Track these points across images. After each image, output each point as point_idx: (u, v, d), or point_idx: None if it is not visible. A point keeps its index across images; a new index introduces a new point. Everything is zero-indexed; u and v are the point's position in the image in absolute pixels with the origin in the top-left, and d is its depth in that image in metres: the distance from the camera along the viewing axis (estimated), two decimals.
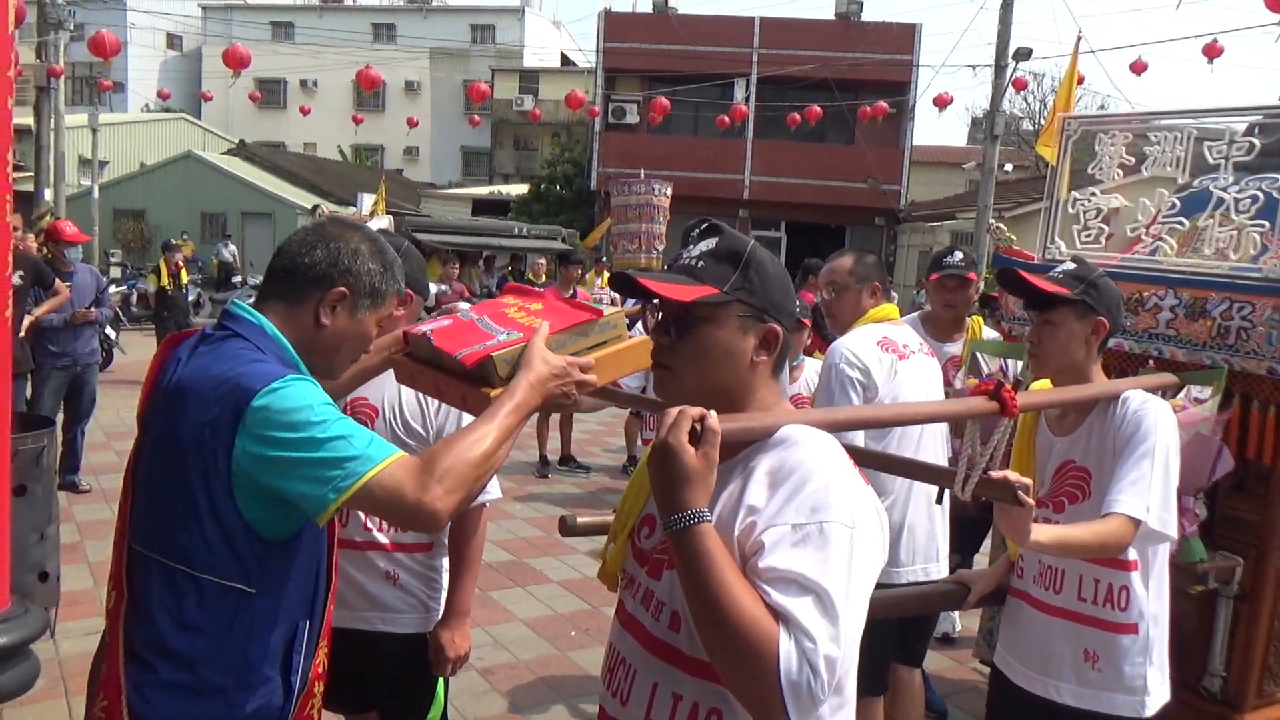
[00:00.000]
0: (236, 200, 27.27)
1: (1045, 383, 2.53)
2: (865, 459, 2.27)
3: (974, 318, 4.19)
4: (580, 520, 2.24)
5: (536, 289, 2.00)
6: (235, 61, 14.08)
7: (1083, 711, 2.35)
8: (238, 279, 20.06)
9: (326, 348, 1.75)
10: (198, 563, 1.59)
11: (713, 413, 1.33)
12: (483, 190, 31.36)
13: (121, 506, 1.73)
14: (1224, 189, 3.17)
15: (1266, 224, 2.98)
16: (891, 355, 3.11)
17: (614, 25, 26.35)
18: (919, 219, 26.32)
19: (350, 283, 1.72)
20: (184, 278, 11.55)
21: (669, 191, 9.62)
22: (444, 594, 2.50)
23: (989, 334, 4.17)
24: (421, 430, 2.42)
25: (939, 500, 2.45)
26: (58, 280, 6.66)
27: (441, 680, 2.55)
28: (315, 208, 20.12)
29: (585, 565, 5.79)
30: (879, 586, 1.41)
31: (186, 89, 37.61)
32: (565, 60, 41.80)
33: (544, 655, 4.49)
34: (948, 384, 3.55)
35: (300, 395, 1.56)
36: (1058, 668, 2.38)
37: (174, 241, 12.05)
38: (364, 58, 26.67)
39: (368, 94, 32.58)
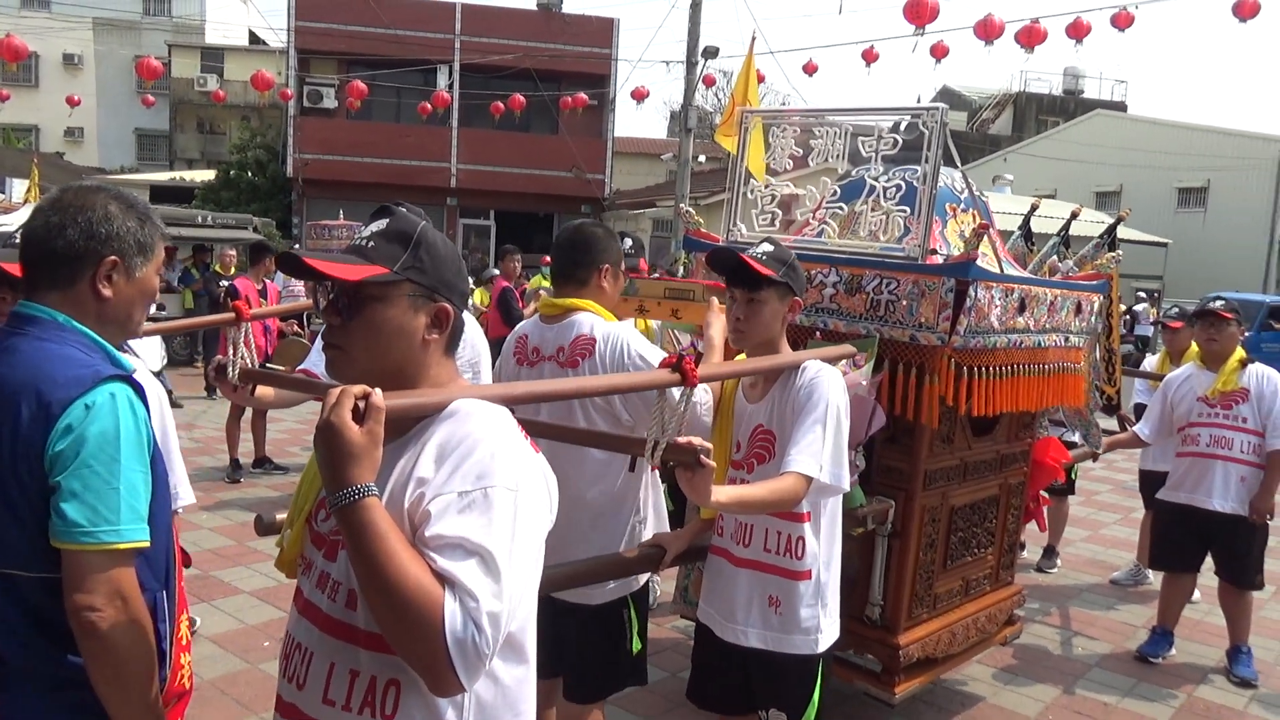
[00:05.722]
0: None
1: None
2: (559, 433, 2.35)
3: None
4: (278, 517, 2.14)
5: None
6: None
7: (766, 653, 2.59)
8: None
9: (118, 315, 1.76)
10: (32, 566, 1.58)
11: (377, 390, 1.34)
12: (163, 176, 28.64)
13: None
14: (875, 178, 3.56)
15: (908, 209, 3.37)
16: None
17: (306, 4, 24.97)
18: (623, 206, 27.29)
19: (116, 248, 1.73)
20: None
21: None
22: None
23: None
24: None
25: (631, 468, 2.59)
26: None
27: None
28: None
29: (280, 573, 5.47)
30: None
31: None
32: (254, 39, 39.11)
33: (232, 671, 4.21)
34: None
35: (105, 421, 1.58)
36: (746, 614, 2.61)
37: None
38: (7, 25, 23.50)
39: (13, 67, 28.69)
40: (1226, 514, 4.69)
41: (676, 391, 2.16)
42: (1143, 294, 22.02)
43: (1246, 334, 7.42)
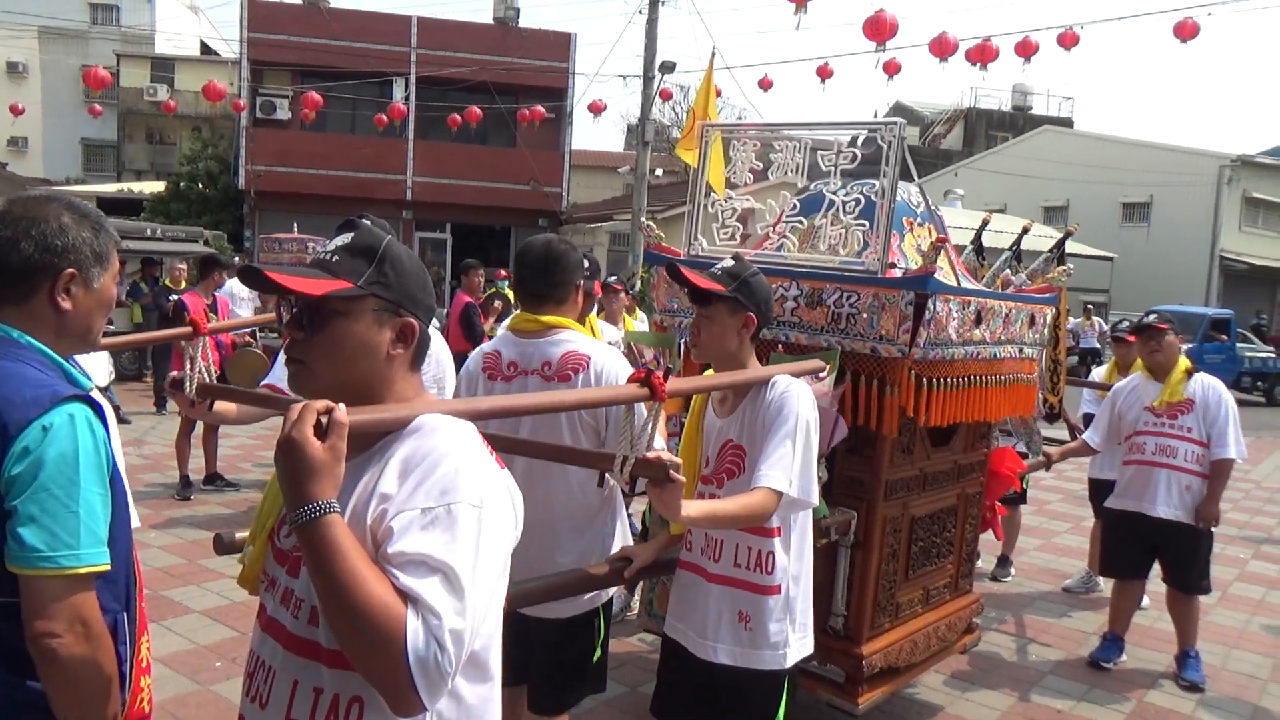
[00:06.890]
0: None
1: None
2: (528, 449, 2.35)
3: (590, 315, 4.52)
4: (238, 535, 2.12)
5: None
6: None
7: (735, 669, 2.58)
8: None
9: (77, 328, 1.74)
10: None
11: (340, 405, 1.33)
12: (110, 187, 28.12)
13: None
14: (834, 192, 3.60)
15: (867, 223, 3.42)
16: None
17: (259, 14, 24.69)
18: (580, 220, 27.31)
19: (73, 259, 1.70)
20: None
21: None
22: None
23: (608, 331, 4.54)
24: None
25: (600, 484, 2.59)
26: None
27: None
28: None
29: (233, 591, 5.33)
30: None
31: None
32: (206, 49, 38.61)
33: (182, 693, 4.09)
34: None
35: (64, 444, 1.55)
36: (716, 630, 2.60)
37: None
38: None
39: None
40: (1171, 521, 4.79)
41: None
42: (1090, 306, 22.47)
43: (1190, 345, 7.63)
